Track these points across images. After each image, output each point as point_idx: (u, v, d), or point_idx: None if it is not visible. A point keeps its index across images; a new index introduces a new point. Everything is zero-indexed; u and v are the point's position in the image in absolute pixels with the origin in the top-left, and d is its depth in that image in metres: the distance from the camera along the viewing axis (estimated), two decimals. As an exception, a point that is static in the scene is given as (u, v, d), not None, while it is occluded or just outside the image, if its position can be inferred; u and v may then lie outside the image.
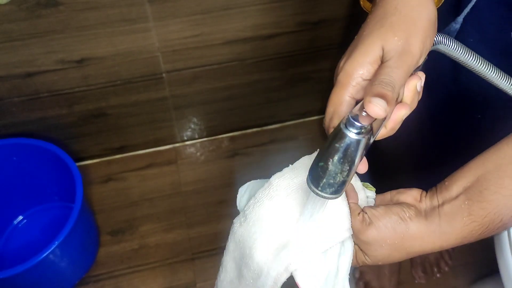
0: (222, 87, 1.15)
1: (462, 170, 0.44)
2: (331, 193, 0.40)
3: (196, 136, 1.31)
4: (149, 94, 1.10)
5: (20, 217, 1.16)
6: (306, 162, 0.50)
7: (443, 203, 0.43)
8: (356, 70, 0.42)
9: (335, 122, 0.43)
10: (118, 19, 0.90)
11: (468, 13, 0.58)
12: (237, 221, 0.51)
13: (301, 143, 1.31)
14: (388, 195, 0.48)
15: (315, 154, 0.47)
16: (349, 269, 0.47)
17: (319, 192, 0.40)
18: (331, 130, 0.43)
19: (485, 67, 0.49)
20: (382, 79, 0.40)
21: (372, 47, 0.42)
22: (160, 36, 0.97)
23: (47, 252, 0.88)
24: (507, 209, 0.42)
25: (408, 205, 0.44)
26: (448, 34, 0.58)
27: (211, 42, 1.02)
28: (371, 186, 0.51)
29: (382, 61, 0.42)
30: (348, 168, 0.39)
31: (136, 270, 1.13)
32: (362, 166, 0.44)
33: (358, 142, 0.38)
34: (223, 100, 1.20)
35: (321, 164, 0.39)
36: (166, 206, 1.21)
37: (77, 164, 1.01)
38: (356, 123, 0.37)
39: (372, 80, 0.41)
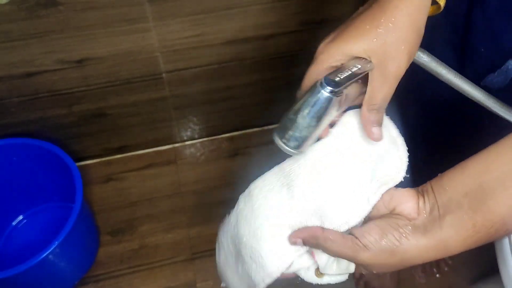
0: (222, 87, 1.15)
1: (462, 174, 0.42)
2: (294, 147, 0.43)
3: (196, 136, 1.30)
4: (149, 94, 1.10)
5: (20, 217, 1.16)
6: (321, 147, 0.49)
7: (444, 215, 0.41)
8: (338, 55, 0.46)
9: None
10: (118, 19, 0.90)
11: None
12: (242, 195, 0.51)
13: (301, 143, 1.31)
14: (379, 201, 0.45)
15: (327, 139, 0.49)
16: None
17: (283, 145, 0.43)
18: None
19: (459, 80, 0.51)
20: (371, 106, 0.45)
21: (357, 44, 0.45)
22: (160, 36, 0.97)
23: (47, 252, 0.88)
24: None
25: (404, 220, 0.42)
26: (505, 72, 0.58)
27: (212, 42, 1.01)
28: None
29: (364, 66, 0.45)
30: (315, 123, 0.42)
31: (136, 270, 1.13)
32: (325, 131, 0.47)
33: (329, 99, 0.42)
34: (223, 100, 1.20)
35: (291, 116, 0.43)
36: (166, 206, 1.21)
37: (77, 164, 1.01)
38: (330, 83, 0.42)
39: (363, 100, 0.46)
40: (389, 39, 0.44)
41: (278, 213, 0.46)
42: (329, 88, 0.41)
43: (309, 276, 0.46)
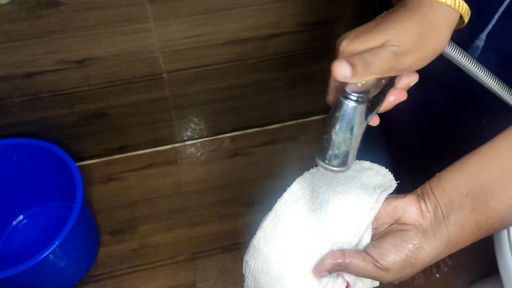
0: (223, 87, 1.15)
1: (461, 174, 0.43)
2: (338, 165, 0.42)
3: (197, 136, 1.31)
4: (149, 94, 1.10)
5: (20, 217, 1.16)
6: (302, 182, 0.51)
7: (448, 215, 0.42)
8: (361, 49, 0.43)
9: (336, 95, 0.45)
10: (119, 19, 0.91)
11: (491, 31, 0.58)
12: (248, 255, 0.49)
13: (302, 143, 1.31)
14: (383, 213, 0.46)
15: (306, 174, 0.50)
16: None
17: (327, 166, 0.42)
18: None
19: (486, 76, 0.51)
20: (365, 55, 0.42)
21: (384, 36, 0.43)
22: (161, 36, 0.97)
23: (47, 252, 0.88)
24: None
25: (413, 229, 0.43)
26: (470, 52, 0.58)
27: (212, 42, 1.02)
28: (391, 177, 0.50)
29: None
30: (349, 136, 0.41)
31: (136, 270, 1.13)
32: (375, 120, 0.46)
33: (355, 109, 0.41)
34: (224, 100, 1.20)
35: (326, 136, 0.42)
36: (166, 206, 1.21)
37: (77, 164, 1.01)
38: (353, 93, 0.41)
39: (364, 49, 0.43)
40: (431, 20, 0.43)
41: (294, 256, 0.47)
42: (353, 97, 0.41)
43: None
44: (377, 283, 0.47)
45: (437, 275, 1.13)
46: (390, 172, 0.50)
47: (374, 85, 0.43)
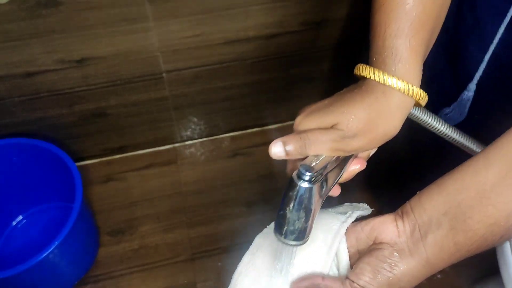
0: (223, 87, 1.15)
1: (440, 193, 0.42)
2: (294, 240, 0.43)
3: (196, 136, 1.30)
4: (149, 94, 1.10)
5: (20, 217, 1.16)
6: (262, 238, 0.51)
7: (426, 234, 0.42)
8: (312, 127, 0.46)
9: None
10: (118, 19, 0.90)
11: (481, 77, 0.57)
12: None
13: (302, 143, 1.31)
14: (361, 233, 0.46)
15: (266, 230, 0.51)
16: None
17: (284, 240, 0.43)
18: None
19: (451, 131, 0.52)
20: (309, 135, 0.44)
21: (334, 118, 0.45)
22: (161, 35, 0.97)
23: (47, 252, 0.88)
24: (493, 236, 0.41)
25: (388, 248, 0.43)
26: (461, 105, 0.58)
27: (212, 42, 1.01)
28: (367, 206, 0.51)
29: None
30: (304, 214, 0.42)
31: (136, 270, 1.13)
32: (336, 190, 0.47)
33: (309, 190, 0.41)
34: (224, 100, 1.20)
35: (281, 212, 0.42)
36: (166, 206, 1.21)
37: (77, 164, 1.01)
38: (306, 173, 0.41)
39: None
40: (382, 105, 0.44)
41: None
42: (306, 177, 0.41)
43: None
44: None
45: (438, 275, 1.13)
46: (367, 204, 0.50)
47: (330, 161, 0.44)
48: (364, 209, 0.50)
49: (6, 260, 1.10)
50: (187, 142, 1.30)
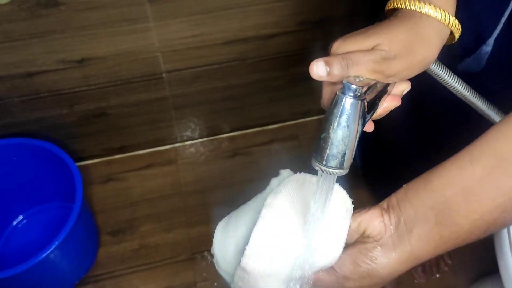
0: (223, 87, 1.15)
1: (426, 188, 0.43)
2: (336, 166, 0.41)
3: (196, 136, 1.31)
4: (149, 94, 1.10)
5: (20, 217, 1.16)
6: (275, 183, 0.51)
7: (411, 228, 0.43)
8: (352, 50, 0.44)
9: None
10: (119, 19, 0.91)
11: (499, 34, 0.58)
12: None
13: (302, 143, 1.31)
14: (351, 230, 0.47)
15: (281, 176, 0.50)
16: None
17: (324, 168, 0.41)
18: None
19: (472, 95, 0.52)
20: (352, 55, 0.43)
21: (375, 39, 0.44)
22: (161, 36, 0.97)
23: (47, 252, 0.88)
24: (478, 229, 0.41)
25: (372, 242, 0.44)
26: (479, 57, 0.59)
27: (212, 42, 1.02)
28: (348, 198, 0.50)
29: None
30: (348, 133, 0.40)
31: (136, 270, 1.13)
32: (369, 126, 0.46)
33: (353, 104, 0.40)
34: (223, 100, 1.20)
35: (323, 135, 0.40)
36: (166, 206, 1.21)
37: (77, 164, 1.01)
38: (351, 86, 0.40)
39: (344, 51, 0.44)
40: (421, 30, 0.44)
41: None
42: (351, 93, 0.40)
43: None
44: None
45: (437, 275, 1.13)
46: (348, 196, 0.49)
47: (369, 86, 0.43)
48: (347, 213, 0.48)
49: (6, 260, 1.10)
50: (187, 142, 1.31)
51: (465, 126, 0.71)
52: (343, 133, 0.40)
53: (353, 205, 0.48)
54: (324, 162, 0.41)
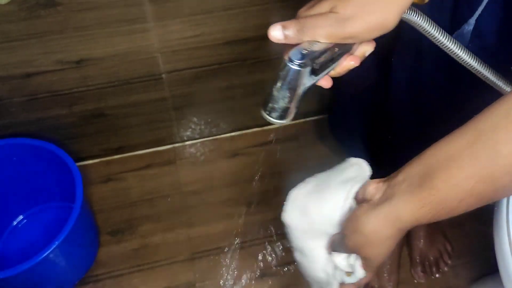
0: (223, 87, 1.15)
1: (417, 158, 0.46)
2: (276, 118, 0.48)
3: (196, 136, 1.30)
4: (148, 94, 1.10)
5: (20, 217, 1.16)
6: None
7: (394, 191, 0.45)
8: (312, 14, 0.47)
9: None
10: (117, 19, 0.91)
11: (480, 15, 0.58)
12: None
13: (301, 143, 1.30)
14: (360, 197, 0.51)
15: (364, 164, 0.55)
16: None
17: (267, 117, 0.48)
18: None
19: (448, 41, 0.52)
20: (307, 19, 0.46)
21: (331, 2, 0.46)
22: (160, 36, 0.97)
23: (47, 252, 0.88)
24: (455, 197, 0.43)
25: (364, 204, 0.48)
26: (461, 36, 0.61)
27: (211, 42, 1.01)
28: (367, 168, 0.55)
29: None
30: (288, 95, 0.46)
31: (136, 270, 1.13)
32: (326, 82, 0.50)
33: (297, 72, 0.45)
34: (223, 100, 1.20)
35: (269, 90, 0.47)
36: (166, 206, 1.21)
37: (77, 164, 1.01)
38: (297, 55, 0.45)
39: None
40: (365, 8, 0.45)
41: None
42: (296, 62, 0.44)
43: (348, 279, 0.54)
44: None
45: (437, 275, 1.13)
46: (366, 163, 0.54)
47: (324, 50, 0.46)
48: (362, 179, 0.52)
49: (6, 260, 1.10)
50: (187, 142, 1.30)
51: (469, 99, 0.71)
52: (283, 94, 0.46)
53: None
54: (267, 112, 0.48)
